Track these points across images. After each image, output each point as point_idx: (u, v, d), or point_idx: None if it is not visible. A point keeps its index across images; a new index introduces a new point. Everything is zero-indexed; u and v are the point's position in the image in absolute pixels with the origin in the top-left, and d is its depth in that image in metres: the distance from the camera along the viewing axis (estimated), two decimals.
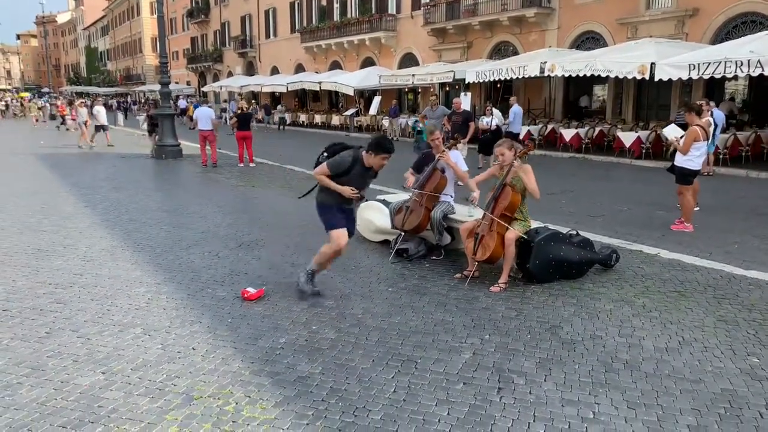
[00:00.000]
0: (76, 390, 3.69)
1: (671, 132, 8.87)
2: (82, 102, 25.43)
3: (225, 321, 4.82)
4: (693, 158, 8.09)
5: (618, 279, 5.86)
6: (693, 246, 7.18)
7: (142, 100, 59.21)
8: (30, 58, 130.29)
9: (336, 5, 35.05)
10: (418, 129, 15.19)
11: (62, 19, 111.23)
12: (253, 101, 35.23)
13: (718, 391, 3.67)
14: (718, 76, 13.43)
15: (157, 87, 20.27)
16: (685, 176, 8.16)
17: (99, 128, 21.48)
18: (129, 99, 62.63)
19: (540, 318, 4.87)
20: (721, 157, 14.30)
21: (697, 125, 8.05)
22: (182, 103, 40.84)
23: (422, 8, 27.58)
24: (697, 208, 9.28)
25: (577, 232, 6.12)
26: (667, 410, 3.46)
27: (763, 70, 12.29)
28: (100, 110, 21.48)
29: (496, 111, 15.56)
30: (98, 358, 4.14)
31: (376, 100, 27.92)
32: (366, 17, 31.69)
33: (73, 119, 30.86)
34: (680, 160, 8.19)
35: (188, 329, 4.64)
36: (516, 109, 16.82)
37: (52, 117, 39.00)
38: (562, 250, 5.72)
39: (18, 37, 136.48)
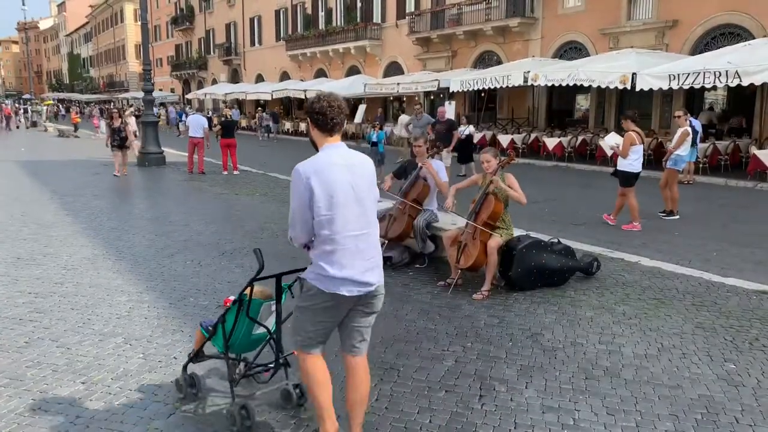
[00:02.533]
0: (56, 400, 3.65)
1: (612, 139, 9.51)
2: (132, 111, 23.29)
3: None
4: (633, 161, 8.64)
5: (599, 287, 5.92)
6: (673, 254, 7.28)
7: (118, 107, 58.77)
8: (11, 64, 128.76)
9: (321, 13, 35.13)
10: (373, 140, 14.36)
11: (44, 25, 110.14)
12: (258, 109, 34.49)
13: (695, 397, 3.73)
14: (697, 87, 13.66)
15: (141, 94, 20.04)
16: (628, 179, 8.72)
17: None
18: (113, 105, 62.15)
19: (522, 325, 4.90)
20: (700, 166, 14.52)
21: (633, 131, 8.61)
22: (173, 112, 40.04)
23: (407, 17, 27.75)
24: (677, 217, 9.44)
25: (559, 240, 6.18)
26: (646, 416, 3.50)
27: (740, 81, 12.53)
28: None
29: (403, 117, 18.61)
30: (78, 367, 4.10)
31: (361, 108, 27.99)
32: (351, 26, 31.81)
33: (97, 127, 30.17)
34: (622, 165, 8.73)
35: (170, 338, 4.62)
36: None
37: (34, 124, 38.61)
38: (544, 258, 5.78)
39: None
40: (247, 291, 3.35)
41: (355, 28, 31.40)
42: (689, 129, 9.83)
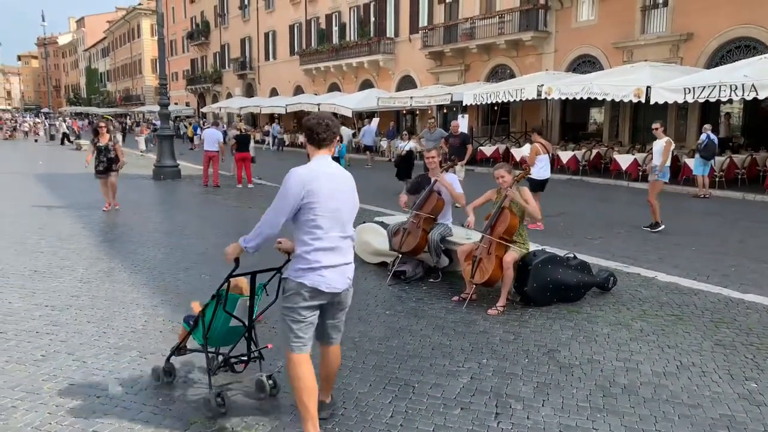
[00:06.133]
0: (71, 414, 3.66)
1: (525, 151, 10.76)
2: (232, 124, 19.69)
3: None
4: (539, 170, 9.60)
5: (615, 302, 5.86)
6: (690, 269, 7.19)
7: (137, 120, 58.72)
8: (30, 78, 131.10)
9: (335, 28, 35.42)
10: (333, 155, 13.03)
11: (63, 40, 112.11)
12: (276, 120, 33.66)
13: (716, 416, 3.66)
14: (713, 100, 13.57)
15: (157, 108, 20.24)
16: (536, 185, 9.58)
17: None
18: (128, 119, 62.91)
19: (538, 342, 4.86)
20: (717, 179, 14.38)
21: (539, 143, 9.72)
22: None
23: (420, 32, 27.89)
24: (662, 227, 9.41)
25: (575, 255, 6.13)
26: None
27: (757, 94, 12.43)
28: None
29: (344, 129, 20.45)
30: (94, 381, 4.11)
31: (374, 121, 28.10)
32: (364, 40, 32.02)
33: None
34: (531, 172, 9.40)
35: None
36: (367, 128, 24.37)
37: (52, 137, 39.12)
38: (560, 273, 5.73)
39: (19, 58, 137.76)
40: (225, 286, 3.66)
41: (369, 42, 31.61)
42: (671, 139, 9.72)
